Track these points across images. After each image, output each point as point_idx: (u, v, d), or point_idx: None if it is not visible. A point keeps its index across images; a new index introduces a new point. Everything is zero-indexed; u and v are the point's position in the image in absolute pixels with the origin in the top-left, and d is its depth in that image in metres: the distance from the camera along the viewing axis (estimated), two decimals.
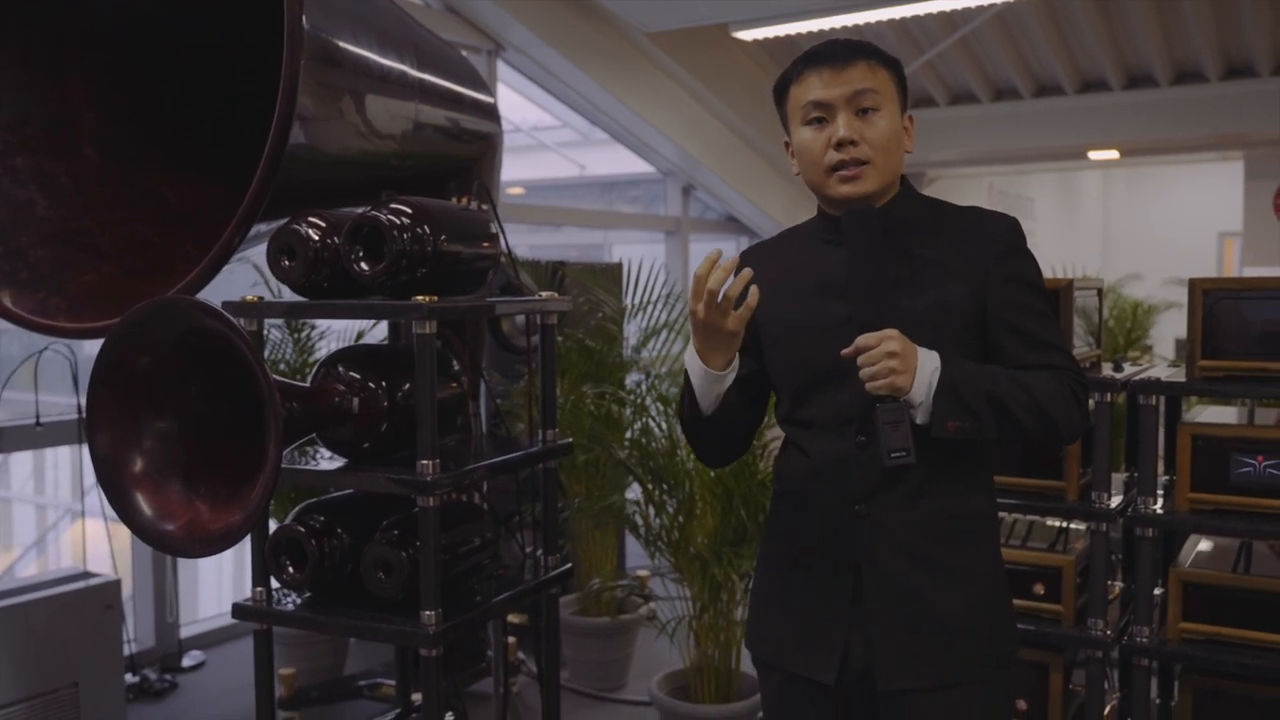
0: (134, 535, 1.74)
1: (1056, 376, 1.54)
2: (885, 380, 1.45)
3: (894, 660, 1.55)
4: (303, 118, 1.85)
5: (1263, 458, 2.28)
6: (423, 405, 1.88)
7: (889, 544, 1.55)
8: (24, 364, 3.61)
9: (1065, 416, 1.53)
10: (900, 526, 1.55)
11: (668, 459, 3.31)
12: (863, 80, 1.56)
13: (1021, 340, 1.56)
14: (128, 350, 1.70)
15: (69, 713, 3.08)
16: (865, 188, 1.57)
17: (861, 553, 1.56)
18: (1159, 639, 2.39)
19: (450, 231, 1.96)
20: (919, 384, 1.46)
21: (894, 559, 1.55)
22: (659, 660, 3.82)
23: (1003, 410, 1.49)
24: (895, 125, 1.58)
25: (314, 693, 3.51)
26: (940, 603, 1.55)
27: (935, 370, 1.47)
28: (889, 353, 1.45)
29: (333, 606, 2.04)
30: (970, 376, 1.49)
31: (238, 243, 1.87)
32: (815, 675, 1.59)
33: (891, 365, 1.45)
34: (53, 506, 6.15)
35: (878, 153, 1.56)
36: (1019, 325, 1.56)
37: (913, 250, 1.58)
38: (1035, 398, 1.50)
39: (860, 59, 1.58)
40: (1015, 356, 1.56)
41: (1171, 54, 6.41)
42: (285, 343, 3.87)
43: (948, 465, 1.56)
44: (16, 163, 2.11)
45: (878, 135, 1.56)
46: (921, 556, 1.55)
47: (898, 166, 1.61)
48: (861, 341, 1.47)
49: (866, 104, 1.56)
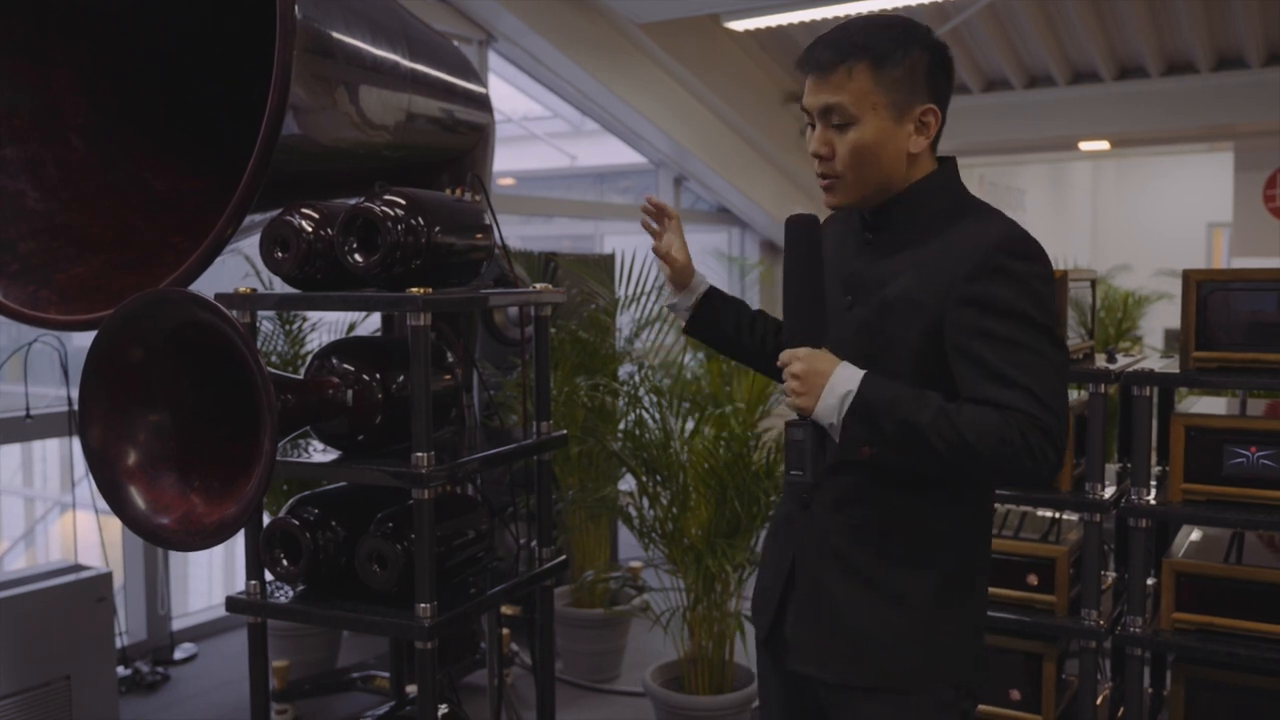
0: (126, 528, 1.73)
1: (1003, 416, 1.38)
2: (789, 400, 1.48)
3: (805, 646, 1.60)
4: (296, 108, 1.84)
5: (1255, 448, 2.29)
6: (417, 398, 1.87)
7: (817, 541, 1.59)
8: (13, 356, 3.58)
9: (1003, 459, 1.37)
10: (829, 528, 1.58)
11: (661, 450, 3.31)
12: (833, 94, 1.50)
13: (974, 370, 1.43)
14: (121, 342, 1.69)
15: (61, 706, 3.07)
16: (836, 200, 1.56)
17: (797, 543, 1.62)
18: (1152, 629, 2.40)
19: (444, 223, 1.95)
20: (825, 406, 1.44)
21: (820, 554, 1.59)
22: (653, 652, 3.83)
23: (918, 439, 1.39)
24: (873, 135, 1.50)
25: (307, 685, 3.51)
26: (852, 609, 1.55)
27: (849, 394, 1.42)
28: (791, 374, 1.47)
29: (327, 599, 2.03)
30: (890, 401, 1.41)
31: (230, 234, 1.86)
32: (756, 627, 1.73)
33: (793, 386, 1.46)
34: (41, 499, 6.12)
35: (847, 168, 1.52)
36: (971, 352, 1.43)
37: (902, 252, 1.53)
38: (960, 433, 1.37)
39: (839, 65, 1.49)
40: (967, 387, 1.43)
41: (1162, 45, 6.42)
42: (277, 334, 3.86)
43: (882, 483, 1.54)
44: (6, 154, 2.09)
45: (845, 151, 1.52)
46: (844, 560, 1.56)
47: (878, 175, 1.53)
48: (780, 358, 1.50)
49: (834, 119, 1.52)
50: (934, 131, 1.54)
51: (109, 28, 2.17)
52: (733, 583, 3.18)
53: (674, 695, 3.21)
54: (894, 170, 1.54)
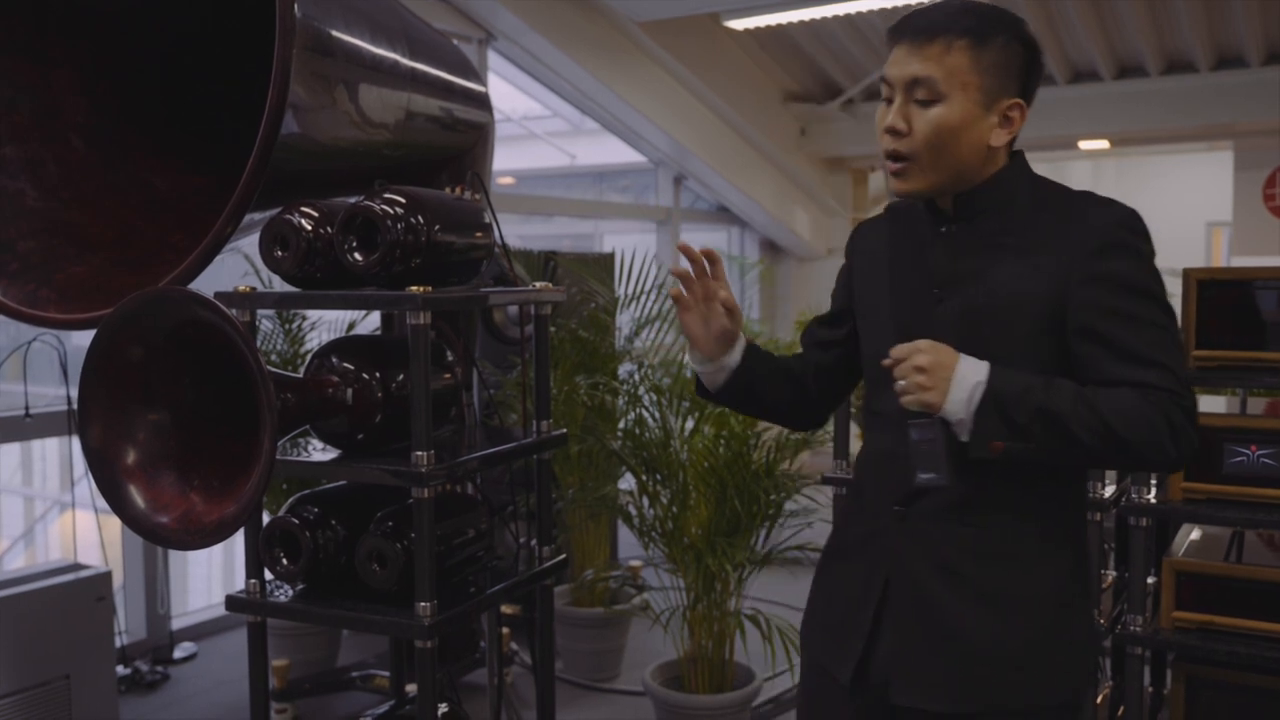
0: (126, 527, 1.73)
1: (1143, 395, 1.33)
2: (914, 396, 1.35)
3: (908, 675, 1.45)
4: (295, 107, 1.84)
5: (1256, 447, 2.29)
6: (417, 396, 1.87)
7: (922, 554, 1.45)
8: (12, 355, 3.58)
9: (1149, 443, 1.32)
10: (938, 538, 1.44)
11: (661, 449, 3.30)
12: (925, 67, 1.39)
13: (1106, 351, 1.37)
14: (120, 341, 1.69)
15: (61, 705, 3.07)
16: (905, 186, 1.44)
17: (893, 558, 1.47)
18: (1152, 628, 2.40)
19: (444, 222, 1.94)
20: (955, 400, 1.33)
21: (924, 571, 1.44)
22: (653, 651, 3.83)
23: (1059, 429, 1.32)
24: (958, 118, 1.40)
25: (307, 684, 3.51)
26: (972, 627, 1.42)
27: (979, 385, 1.33)
28: (916, 367, 1.35)
29: (327, 598, 2.03)
30: (1023, 391, 1.33)
31: (230, 232, 1.86)
32: (834, 671, 1.53)
33: (919, 380, 1.34)
34: (41, 498, 6.12)
35: (924, 149, 1.41)
36: (1104, 333, 1.37)
37: (996, 239, 1.43)
38: (1104, 419, 1.31)
39: (939, 38, 1.40)
40: (1097, 369, 1.37)
41: (1162, 44, 6.42)
42: (276, 333, 3.85)
43: (1006, 481, 1.41)
44: (5, 153, 2.09)
45: (925, 130, 1.40)
46: (956, 573, 1.43)
47: (954, 161, 1.43)
48: (895, 352, 1.38)
49: (920, 94, 1.41)
50: (1016, 129, 1.46)
51: (109, 28, 2.17)
52: (732, 582, 3.18)
53: (674, 694, 3.21)
54: (971, 159, 1.44)
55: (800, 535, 3.29)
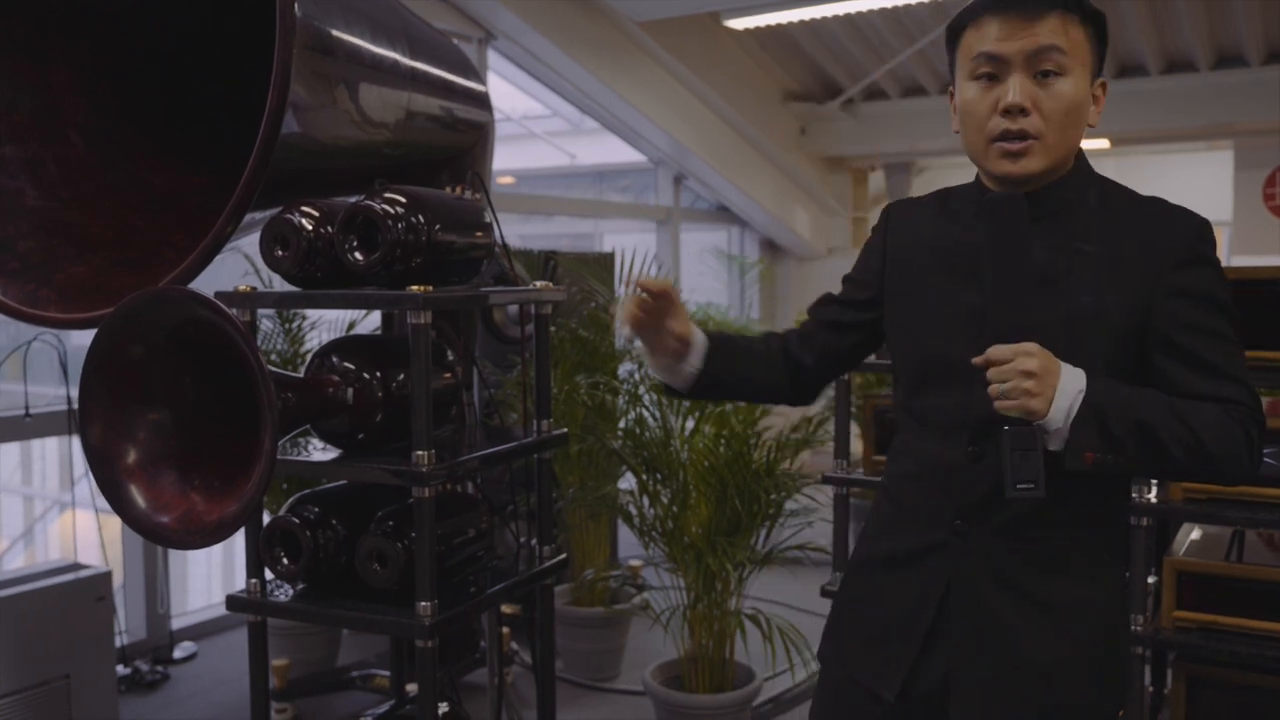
0: (126, 527, 1.72)
1: (1227, 411, 1.31)
2: (1016, 402, 1.27)
3: (971, 690, 1.40)
4: (296, 106, 1.83)
5: None
6: (417, 396, 1.87)
7: (985, 569, 1.39)
8: (12, 355, 3.58)
9: (1230, 459, 1.30)
10: (1002, 552, 1.39)
11: (661, 449, 3.30)
12: (1051, 36, 1.32)
13: (1188, 366, 1.34)
14: (121, 341, 1.69)
15: (61, 705, 3.07)
16: (1029, 167, 1.35)
17: (953, 573, 1.41)
18: (1153, 627, 2.40)
19: (445, 221, 1.94)
20: (1057, 409, 1.27)
21: (989, 586, 1.39)
22: (653, 650, 3.83)
23: (1153, 443, 1.28)
24: (1081, 94, 1.35)
25: (307, 684, 3.51)
26: (1033, 642, 1.39)
27: (1080, 393, 1.28)
28: (1025, 371, 1.26)
29: (328, 598, 2.03)
30: (1120, 402, 1.29)
31: (230, 232, 1.86)
32: (876, 688, 1.47)
33: (1026, 386, 1.26)
34: (40, 498, 6.12)
35: (1051, 127, 1.34)
36: (1187, 348, 1.34)
37: (1073, 243, 1.37)
38: (1195, 433, 1.28)
39: (1056, 10, 1.33)
40: (1178, 383, 1.34)
41: (1162, 44, 6.42)
42: (276, 333, 3.85)
43: (1075, 492, 1.36)
44: (5, 152, 2.09)
45: (1056, 105, 1.33)
46: (1021, 589, 1.39)
47: (1074, 143, 1.38)
48: (994, 353, 1.29)
49: (1049, 65, 1.32)
50: (1101, 110, 1.40)
51: (108, 27, 2.17)
52: (733, 581, 3.18)
53: (674, 694, 3.20)
54: (1078, 142, 1.38)
55: (801, 535, 3.29)
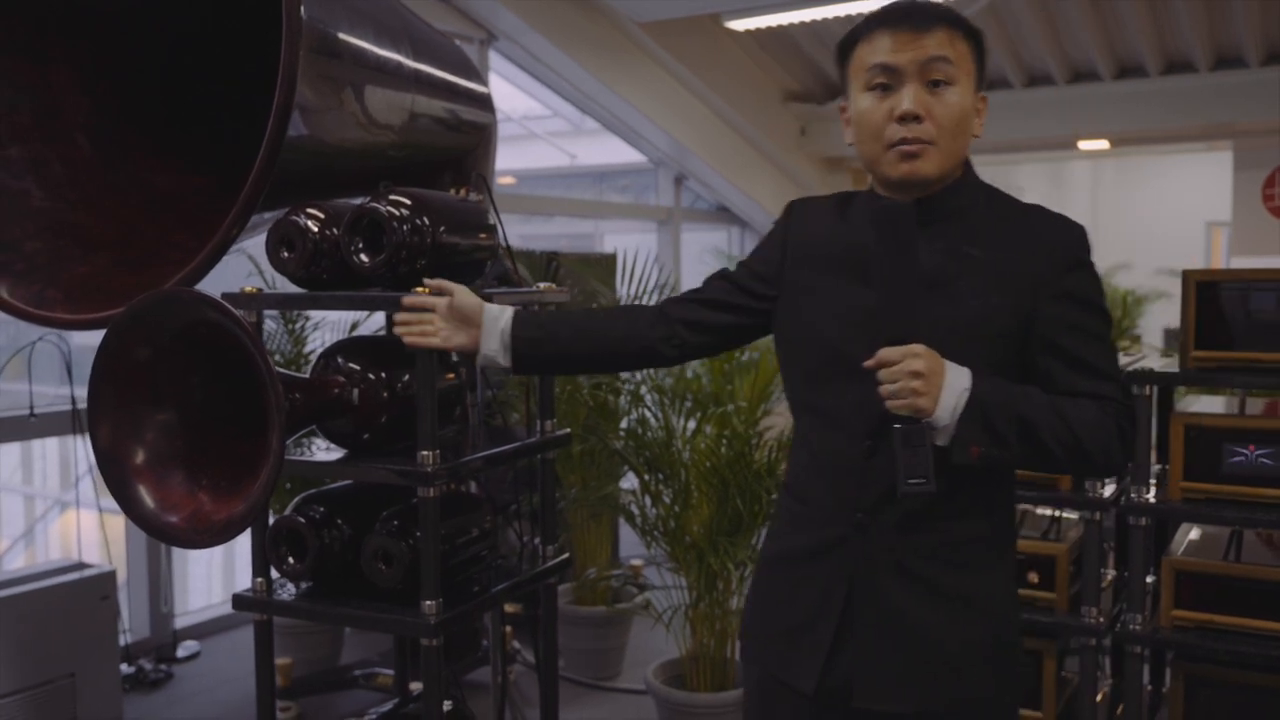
0: (130, 525, 1.74)
1: (1101, 407, 1.40)
2: (906, 401, 1.34)
3: (874, 680, 1.46)
4: (302, 108, 1.84)
5: (1254, 447, 2.30)
6: (422, 396, 1.88)
7: (887, 562, 1.45)
8: (16, 355, 3.59)
9: (1103, 452, 1.39)
10: (900, 543, 1.44)
11: (663, 449, 3.32)
12: (940, 48, 1.40)
13: (1068, 365, 1.42)
14: (129, 342, 1.70)
15: (66, 704, 3.08)
16: (924, 169, 1.42)
17: (855, 567, 1.46)
18: (1151, 626, 2.41)
19: (449, 223, 1.96)
20: (944, 406, 1.34)
21: (889, 577, 1.45)
22: (654, 649, 3.84)
23: (1032, 438, 1.37)
24: (968, 104, 1.43)
25: (310, 682, 3.52)
26: (933, 629, 1.45)
27: (964, 391, 1.35)
28: (913, 371, 1.33)
29: (333, 597, 2.04)
30: (1003, 399, 1.36)
31: (236, 234, 1.87)
32: (794, 683, 1.51)
33: (914, 386, 1.33)
34: (41, 497, 6.13)
35: (944, 132, 1.41)
36: (1067, 348, 1.42)
37: (961, 248, 1.44)
38: (1072, 427, 1.37)
39: (942, 25, 1.42)
40: (1059, 382, 1.42)
41: (1162, 44, 6.43)
42: (280, 333, 3.86)
43: (965, 485, 1.43)
44: (10, 153, 2.10)
45: (947, 113, 1.41)
46: (920, 578, 1.45)
47: (963, 150, 1.46)
48: (884, 355, 1.35)
49: (939, 75, 1.40)
50: (983, 122, 1.48)
51: (108, 28, 2.17)
52: (734, 580, 3.19)
53: (676, 693, 3.22)
54: (964, 151, 1.46)
55: None
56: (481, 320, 1.66)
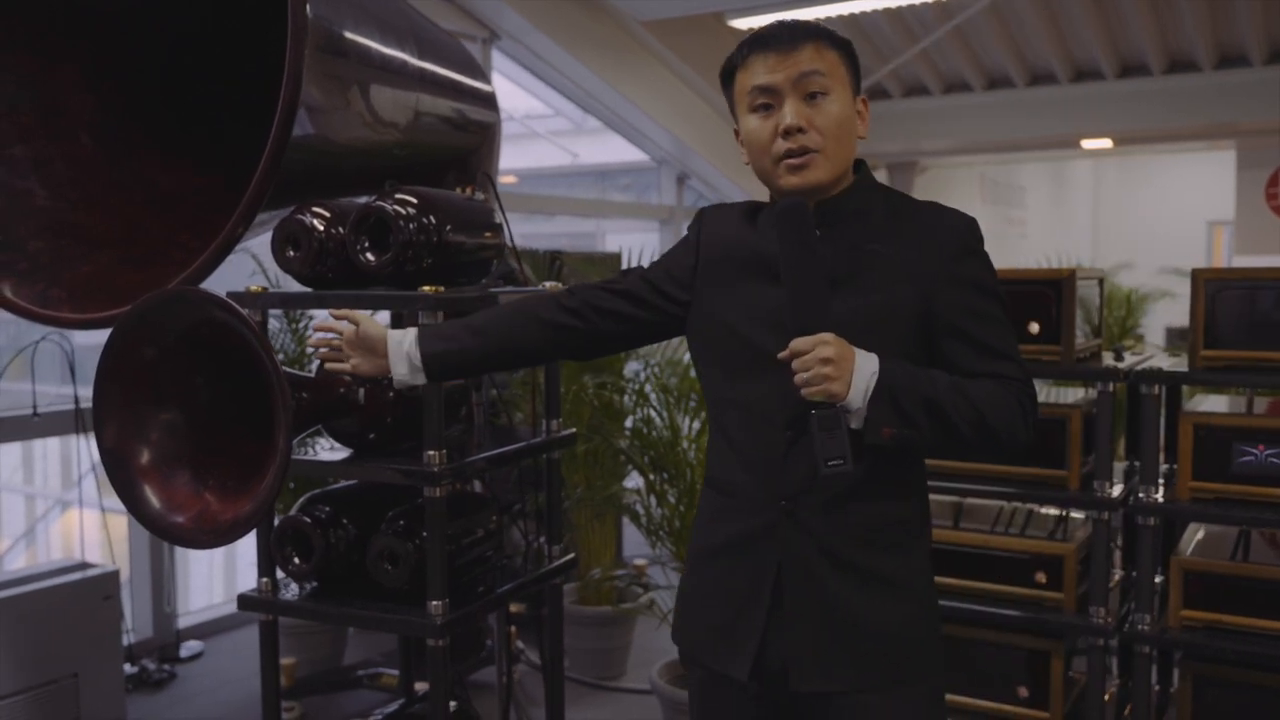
0: (132, 525, 1.73)
1: (1003, 386, 1.48)
2: (819, 387, 1.40)
3: (808, 662, 1.50)
4: (308, 107, 1.84)
5: (1263, 446, 2.30)
6: (429, 396, 1.87)
7: (812, 545, 1.50)
8: (20, 354, 3.59)
9: (1008, 429, 1.46)
10: (825, 528, 1.50)
11: (668, 448, 3.31)
12: (810, 62, 1.48)
13: (969, 347, 1.50)
14: (134, 342, 1.70)
15: (69, 703, 3.07)
16: (814, 177, 1.50)
17: (783, 551, 1.51)
18: (1159, 626, 2.40)
19: (455, 222, 1.95)
20: (855, 390, 1.41)
21: (816, 560, 1.50)
22: (659, 649, 3.83)
23: (941, 418, 1.43)
24: (846, 110, 1.51)
25: (314, 682, 3.51)
26: (861, 610, 1.50)
27: (873, 375, 1.42)
28: (823, 359, 1.39)
29: (338, 597, 2.03)
30: (910, 382, 1.43)
31: (242, 233, 1.86)
32: (729, 672, 1.55)
33: (825, 372, 1.39)
34: (42, 497, 6.12)
35: (828, 140, 1.49)
36: (967, 331, 1.50)
37: (862, 245, 1.51)
38: (977, 407, 1.44)
39: (807, 41, 1.50)
40: (962, 364, 1.50)
41: (1165, 43, 6.42)
42: (283, 332, 3.86)
43: (881, 469, 1.50)
44: (14, 152, 2.09)
45: (827, 121, 1.48)
46: (845, 560, 1.50)
47: (850, 153, 1.53)
48: (795, 345, 1.42)
49: (814, 87, 1.48)
50: (866, 124, 1.56)
51: (109, 27, 2.17)
52: None
53: (680, 692, 3.21)
54: (852, 153, 1.54)
55: None
56: (387, 349, 1.66)
